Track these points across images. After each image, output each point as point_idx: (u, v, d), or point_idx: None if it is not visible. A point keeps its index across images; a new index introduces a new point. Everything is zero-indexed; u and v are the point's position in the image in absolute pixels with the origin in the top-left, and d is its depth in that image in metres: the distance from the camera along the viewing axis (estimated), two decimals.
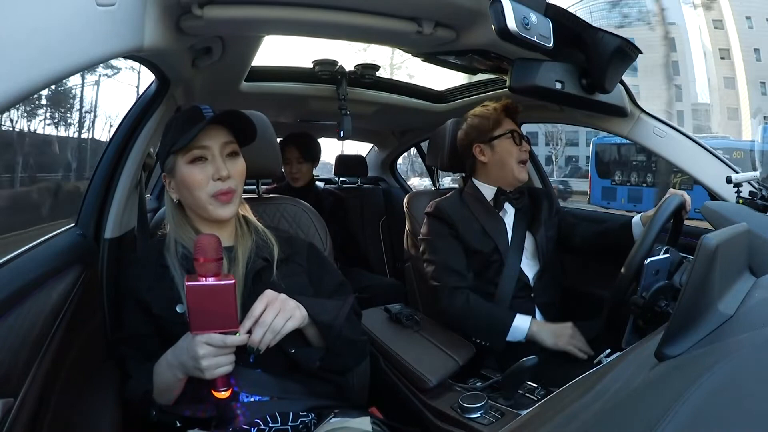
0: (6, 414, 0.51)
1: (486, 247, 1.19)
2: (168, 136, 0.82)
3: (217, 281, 0.66)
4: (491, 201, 1.25)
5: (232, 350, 0.69)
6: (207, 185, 0.79)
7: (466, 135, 1.28)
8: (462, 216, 1.22)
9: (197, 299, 0.65)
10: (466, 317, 1.15)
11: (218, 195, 0.79)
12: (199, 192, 0.79)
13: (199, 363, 0.66)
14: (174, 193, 0.83)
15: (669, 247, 0.93)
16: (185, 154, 0.79)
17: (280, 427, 0.76)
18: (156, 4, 0.69)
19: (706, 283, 0.40)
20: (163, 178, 0.84)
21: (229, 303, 0.66)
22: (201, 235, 0.70)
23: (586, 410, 0.36)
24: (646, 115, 1.24)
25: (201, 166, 0.79)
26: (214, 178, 0.79)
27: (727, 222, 0.92)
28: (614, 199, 9.56)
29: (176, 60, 0.93)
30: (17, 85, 0.43)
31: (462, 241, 1.21)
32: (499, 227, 1.22)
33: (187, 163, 0.79)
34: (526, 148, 1.23)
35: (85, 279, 0.81)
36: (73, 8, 0.50)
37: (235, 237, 0.86)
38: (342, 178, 2.56)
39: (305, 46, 2.66)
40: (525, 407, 0.89)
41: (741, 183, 1.06)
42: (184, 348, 0.69)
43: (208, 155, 0.80)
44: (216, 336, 0.67)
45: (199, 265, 0.66)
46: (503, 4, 0.73)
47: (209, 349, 0.67)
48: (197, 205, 0.81)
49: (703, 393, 0.30)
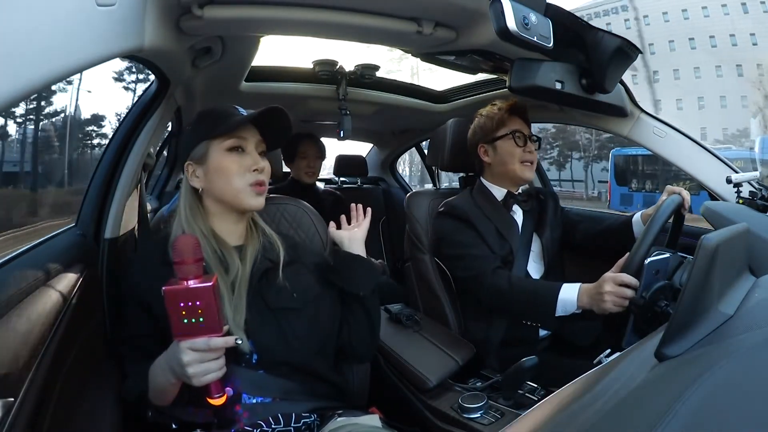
0: (6, 414, 0.51)
1: (501, 250, 1.17)
2: (202, 124, 0.83)
3: (196, 284, 0.62)
4: (501, 202, 1.24)
5: (220, 355, 0.66)
6: (244, 174, 0.81)
7: (473, 135, 1.27)
8: (476, 215, 1.20)
9: (176, 304, 0.62)
10: (511, 297, 1.08)
11: (255, 185, 0.82)
12: (236, 179, 0.81)
13: (185, 370, 0.64)
14: (199, 182, 0.83)
15: (669, 248, 0.93)
16: (224, 141, 0.81)
17: (282, 428, 0.76)
18: (156, 4, 0.69)
19: (706, 283, 0.40)
20: (187, 167, 0.83)
21: (210, 306, 0.63)
22: (178, 236, 0.69)
23: (586, 410, 0.36)
24: (646, 115, 1.24)
25: (238, 156, 0.81)
26: (250, 169, 0.81)
27: (727, 222, 0.92)
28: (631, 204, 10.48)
29: (176, 60, 0.93)
30: (17, 84, 0.43)
31: (481, 237, 1.18)
32: (513, 229, 1.20)
33: (225, 150, 0.81)
34: (530, 148, 1.21)
35: (85, 279, 0.81)
36: (73, 8, 0.50)
37: (245, 237, 0.86)
38: (342, 178, 2.56)
39: (305, 46, 2.64)
40: (525, 407, 0.89)
41: (741, 183, 1.06)
42: (172, 354, 0.67)
43: (246, 146, 0.82)
44: (199, 341, 0.64)
45: (178, 267, 0.63)
46: (503, 4, 0.73)
47: (194, 355, 0.64)
48: (230, 193, 0.81)
49: (703, 393, 0.30)
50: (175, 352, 0.65)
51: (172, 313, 0.63)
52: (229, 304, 0.76)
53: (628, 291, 0.89)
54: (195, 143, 0.82)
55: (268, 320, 0.80)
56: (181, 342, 0.64)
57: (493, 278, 1.10)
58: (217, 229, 0.83)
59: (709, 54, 18.67)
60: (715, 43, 18.87)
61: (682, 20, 19.26)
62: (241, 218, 0.86)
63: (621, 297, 0.90)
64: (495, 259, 1.15)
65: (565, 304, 1.01)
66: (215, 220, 0.84)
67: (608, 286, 0.92)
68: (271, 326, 0.80)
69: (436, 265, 1.29)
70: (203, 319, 0.63)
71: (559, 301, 1.02)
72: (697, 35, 18.95)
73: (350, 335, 0.89)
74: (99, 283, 0.92)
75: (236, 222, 0.85)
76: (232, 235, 0.84)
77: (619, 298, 0.91)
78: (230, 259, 0.80)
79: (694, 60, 19.17)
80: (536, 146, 1.23)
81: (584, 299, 0.99)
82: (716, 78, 19.11)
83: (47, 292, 0.68)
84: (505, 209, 1.23)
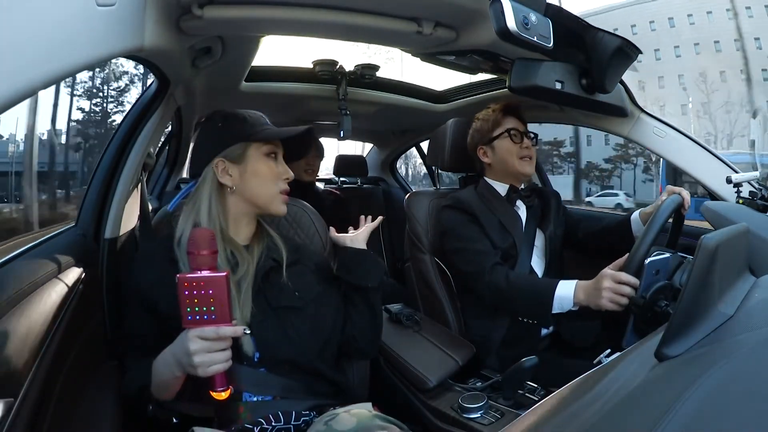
0: (6, 414, 0.51)
1: (504, 243, 1.19)
2: (237, 125, 0.85)
3: (210, 273, 0.65)
4: (504, 197, 1.26)
5: (226, 346, 0.67)
6: (277, 181, 0.86)
7: (472, 139, 1.31)
8: (481, 209, 1.21)
9: (189, 292, 0.64)
10: (509, 293, 1.09)
11: (284, 193, 0.87)
12: (271, 184, 0.85)
13: (191, 359, 0.65)
14: (231, 180, 0.83)
15: (669, 248, 0.93)
16: (262, 146, 0.85)
17: (282, 426, 0.76)
18: (156, 4, 0.69)
19: (706, 283, 0.40)
20: (218, 163, 0.83)
21: (221, 296, 0.65)
22: (195, 228, 0.72)
23: (586, 410, 0.36)
24: (646, 116, 1.24)
25: (274, 163, 0.86)
26: (282, 177, 0.86)
27: (727, 222, 0.92)
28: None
29: (176, 60, 0.93)
30: (17, 85, 0.43)
31: (484, 232, 1.19)
32: (516, 223, 1.22)
33: (264, 155, 0.85)
34: (527, 144, 1.23)
35: (85, 279, 0.81)
36: (73, 8, 0.50)
37: (252, 238, 0.88)
38: (342, 178, 2.56)
39: (305, 46, 2.65)
40: (525, 407, 0.89)
41: (741, 183, 1.06)
42: (179, 344, 0.68)
43: (278, 155, 0.87)
44: (209, 329, 0.65)
45: (193, 258, 0.66)
46: (503, 4, 0.73)
47: (202, 344, 0.65)
48: (263, 197, 0.85)
49: (703, 393, 0.30)
50: (183, 340, 0.66)
51: (183, 300, 0.64)
52: (237, 302, 0.77)
53: (627, 288, 0.89)
54: (231, 142, 0.83)
55: (270, 319, 0.80)
56: (190, 330, 0.66)
57: (491, 275, 1.11)
58: (231, 228, 0.85)
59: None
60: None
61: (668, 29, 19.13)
62: (254, 218, 0.88)
63: (618, 294, 0.90)
64: (495, 255, 1.16)
65: (561, 300, 1.02)
66: (231, 218, 0.85)
67: (606, 282, 0.92)
68: (274, 325, 0.80)
69: (436, 264, 1.29)
70: (214, 308, 0.65)
71: (555, 298, 1.02)
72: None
73: (354, 331, 0.91)
74: (99, 283, 0.92)
75: (249, 224, 0.88)
76: (242, 235, 0.86)
77: (617, 295, 0.90)
78: (239, 257, 0.82)
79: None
80: (533, 142, 1.25)
81: (581, 295, 0.99)
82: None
83: (47, 292, 0.68)
84: (509, 204, 1.24)
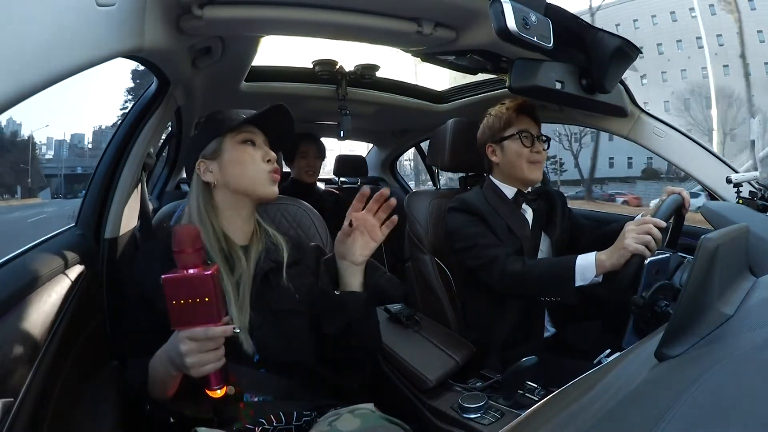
0: (6, 414, 0.51)
1: (512, 246, 1.16)
2: (210, 125, 0.88)
3: (196, 272, 0.62)
4: (512, 200, 1.23)
5: (218, 345, 0.66)
6: (259, 163, 0.85)
7: (482, 134, 1.26)
8: (487, 211, 1.19)
9: (175, 292, 0.62)
10: (528, 275, 1.06)
11: (272, 173, 0.86)
12: (252, 168, 0.85)
13: (183, 360, 0.64)
14: (212, 176, 0.85)
15: (669, 248, 0.93)
16: (235, 135, 0.85)
17: (283, 426, 0.76)
18: (156, 4, 0.69)
19: (706, 283, 0.40)
20: (199, 165, 0.86)
21: (209, 295, 0.62)
22: (178, 225, 0.72)
23: (586, 410, 0.36)
24: (646, 116, 1.24)
25: (251, 148, 0.86)
26: (264, 159, 0.86)
27: (727, 222, 0.92)
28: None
29: (176, 60, 0.93)
30: (17, 85, 0.43)
31: (492, 232, 1.17)
32: (524, 227, 1.20)
33: (239, 143, 0.85)
34: (538, 149, 1.19)
35: (85, 279, 0.81)
36: (73, 8, 0.50)
37: (251, 237, 0.87)
38: (342, 179, 2.56)
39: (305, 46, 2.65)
40: (525, 407, 0.88)
41: (741, 183, 1.06)
42: (172, 344, 0.67)
43: (256, 140, 0.87)
44: (198, 330, 0.63)
45: (178, 257, 0.63)
46: (503, 4, 0.73)
47: (193, 345, 0.64)
48: (247, 182, 0.85)
49: (704, 393, 0.30)
50: (174, 341, 0.65)
51: (170, 301, 0.62)
52: (235, 304, 0.76)
53: (652, 227, 0.89)
54: (206, 142, 0.86)
55: (270, 321, 0.80)
56: (180, 332, 0.64)
57: (507, 262, 1.08)
58: (225, 228, 0.84)
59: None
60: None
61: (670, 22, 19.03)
62: (249, 217, 0.88)
63: (645, 233, 0.89)
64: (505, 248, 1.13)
65: (584, 270, 0.98)
66: (224, 217, 0.85)
67: (630, 225, 0.92)
68: (273, 327, 0.80)
69: (436, 265, 1.29)
70: (202, 309, 0.63)
71: (577, 267, 0.99)
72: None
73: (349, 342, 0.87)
74: (99, 282, 0.92)
75: (245, 221, 0.87)
76: (239, 235, 0.86)
77: (642, 235, 0.89)
78: (236, 257, 0.81)
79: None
80: (545, 146, 1.21)
81: (603, 259, 0.96)
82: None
83: (47, 291, 0.68)
84: (516, 207, 1.22)
